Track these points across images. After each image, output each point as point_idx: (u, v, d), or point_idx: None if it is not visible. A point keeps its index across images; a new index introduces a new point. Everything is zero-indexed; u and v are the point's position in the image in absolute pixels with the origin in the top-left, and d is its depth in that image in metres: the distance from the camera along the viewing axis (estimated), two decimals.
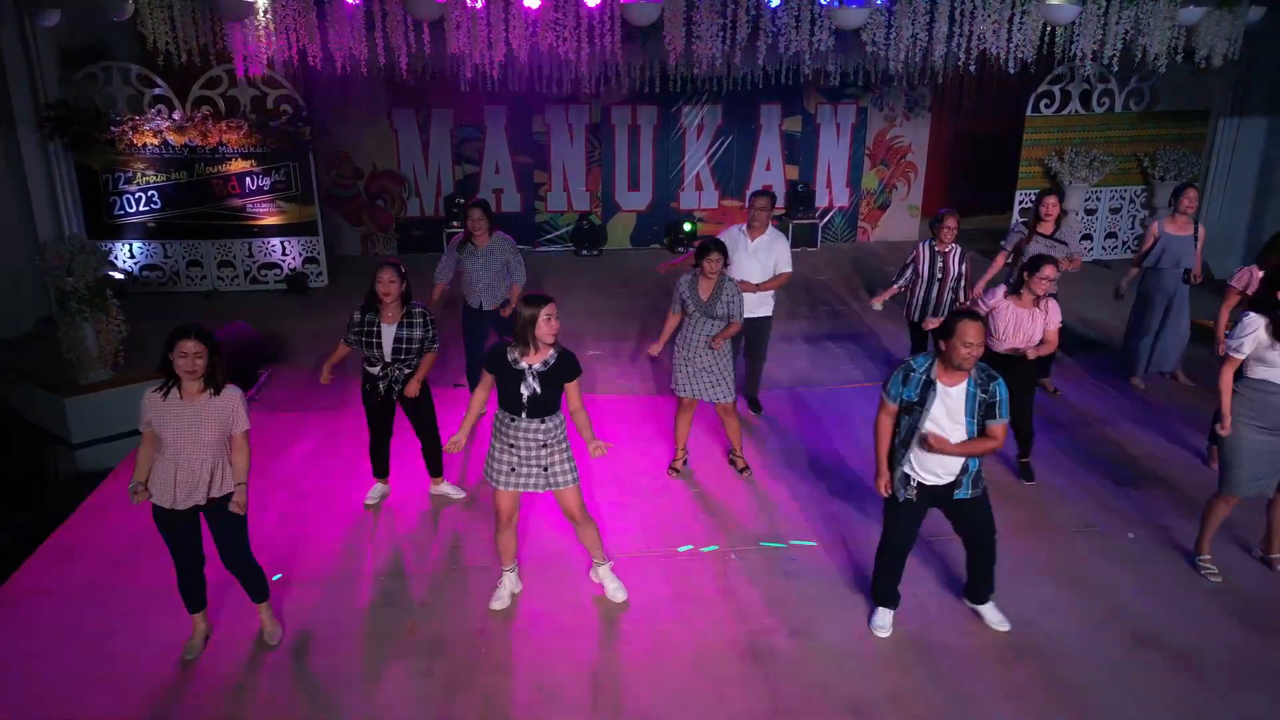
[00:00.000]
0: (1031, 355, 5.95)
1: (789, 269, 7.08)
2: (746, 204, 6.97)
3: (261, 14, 7.45)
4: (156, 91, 10.36)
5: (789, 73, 10.27)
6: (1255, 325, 4.85)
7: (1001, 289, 5.97)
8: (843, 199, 13.94)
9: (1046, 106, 11.95)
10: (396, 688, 4.35)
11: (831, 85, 12.56)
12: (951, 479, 4.48)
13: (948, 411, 4.35)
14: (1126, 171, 12.28)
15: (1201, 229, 7.82)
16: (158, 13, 7.70)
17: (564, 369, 4.64)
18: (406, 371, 5.70)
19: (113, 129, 10.25)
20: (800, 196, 13.52)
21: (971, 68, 7.87)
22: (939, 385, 4.33)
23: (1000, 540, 5.30)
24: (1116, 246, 12.64)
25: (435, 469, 6.16)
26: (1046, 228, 7.62)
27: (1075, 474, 6.49)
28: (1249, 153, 11.88)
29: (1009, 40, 7.63)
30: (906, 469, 4.48)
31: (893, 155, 13.87)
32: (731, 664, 4.52)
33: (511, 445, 4.65)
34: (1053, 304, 6.00)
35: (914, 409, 4.36)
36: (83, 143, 10.24)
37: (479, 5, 7.04)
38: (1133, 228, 12.53)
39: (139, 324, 8.32)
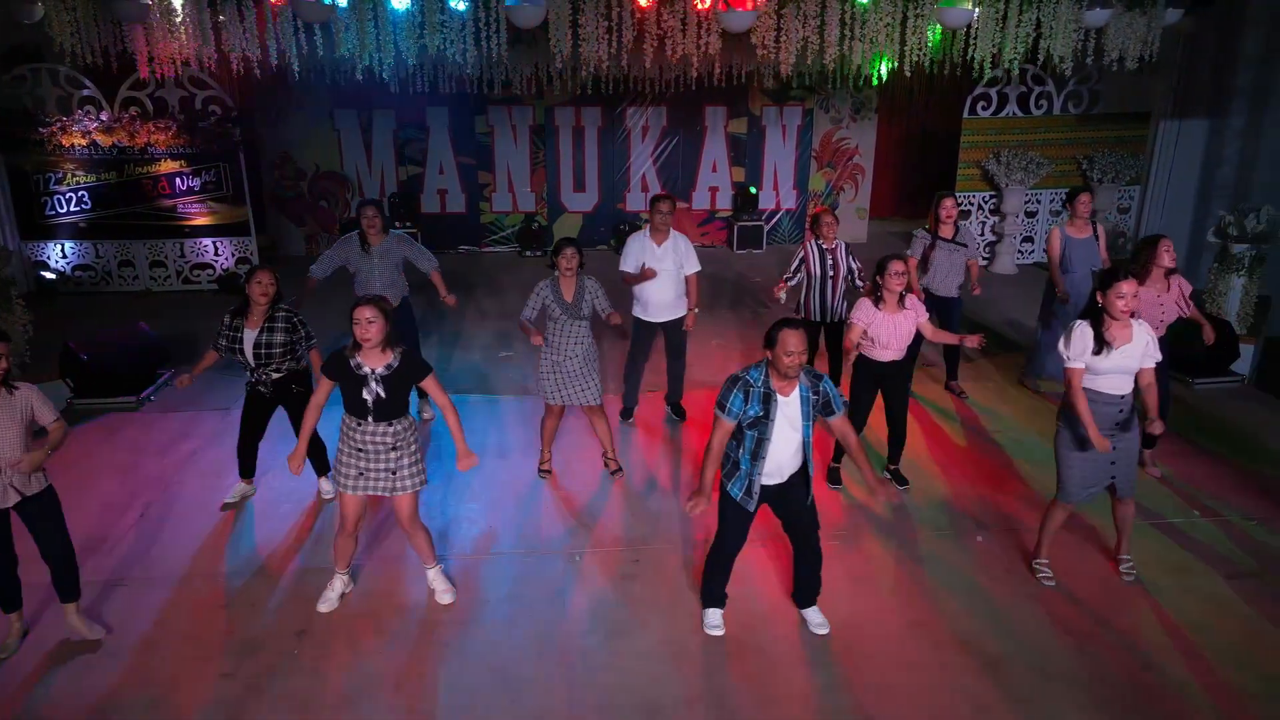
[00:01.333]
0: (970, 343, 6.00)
1: (698, 267, 7.12)
2: (647, 208, 6.98)
3: (160, 15, 7.50)
4: (85, 92, 10.44)
5: (731, 74, 10.28)
6: (1086, 335, 4.80)
7: (866, 302, 5.95)
8: (790, 201, 13.93)
9: (983, 109, 11.91)
10: (196, 688, 4.37)
11: (767, 86, 12.61)
12: (784, 479, 4.49)
13: (788, 419, 4.36)
14: (1066, 174, 12.23)
15: (1101, 229, 7.81)
16: (62, 15, 7.77)
17: (409, 371, 4.67)
18: (276, 376, 5.73)
19: (41, 130, 10.33)
20: (748, 198, 13.52)
21: (864, 70, 7.85)
22: (777, 396, 4.33)
23: (847, 544, 5.32)
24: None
25: (322, 467, 6.20)
26: (946, 230, 7.61)
27: (948, 476, 6.47)
28: (1190, 154, 11.83)
29: (903, 44, 7.61)
30: (756, 477, 4.45)
31: (840, 157, 13.85)
32: (540, 665, 4.53)
33: (360, 449, 4.67)
34: (914, 300, 5.99)
35: (760, 422, 4.34)
36: (12, 144, 10.34)
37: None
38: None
39: (70, 323, 8.40)
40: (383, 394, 4.57)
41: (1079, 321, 4.83)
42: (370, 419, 4.60)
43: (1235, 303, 9.53)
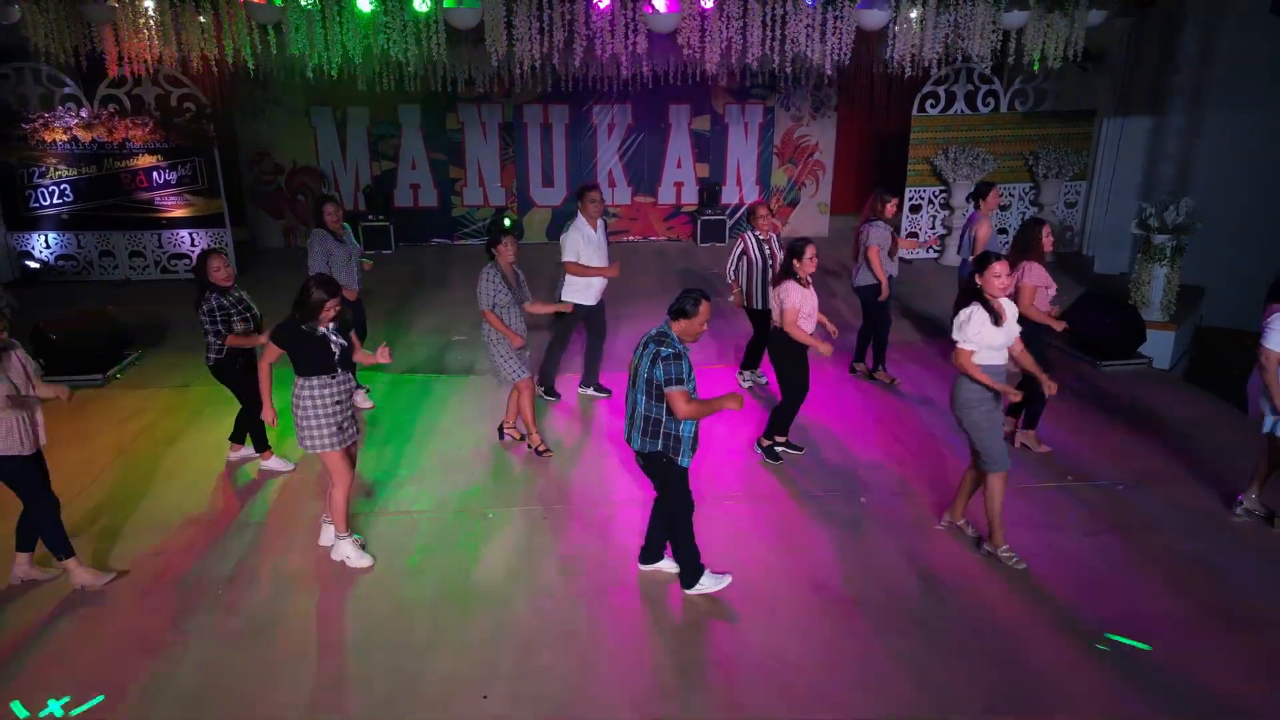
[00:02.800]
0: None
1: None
2: (578, 197, 7.42)
3: (126, 18, 8.01)
4: (66, 90, 10.96)
5: (694, 73, 10.70)
6: (980, 316, 5.15)
7: (794, 283, 6.40)
8: (753, 196, 14.36)
9: (932, 106, 12.35)
10: (130, 618, 4.90)
11: (736, 85, 13.12)
12: None
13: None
14: (1014, 170, 12.66)
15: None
16: (37, 16, 8.29)
17: (344, 320, 5.25)
18: None
19: (25, 126, 10.86)
20: (710, 193, 14.00)
21: (788, 69, 8.31)
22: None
23: (738, 503, 5.95)
24: (1006, 242, 12.99)
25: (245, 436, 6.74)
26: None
27: (852, 445, 6.95)
28: (1133, 151, 12.26)
29: (823, 43, 8.06)
30: (694, 439, 4.88)
31: (800, 154, 14.30)
32: (436, 603, 5.04)
33: (339, 402, 5.16)
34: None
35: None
36: None
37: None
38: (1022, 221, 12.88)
39: (50, 309, 8.99)
40: (344, 342, 5.16)
41: (970, 307, 5.17)
42: (340, 370, 5.14)
43: (1159, 292, 9.96)
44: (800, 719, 4.20)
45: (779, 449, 6.77)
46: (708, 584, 5.10)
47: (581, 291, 7.52)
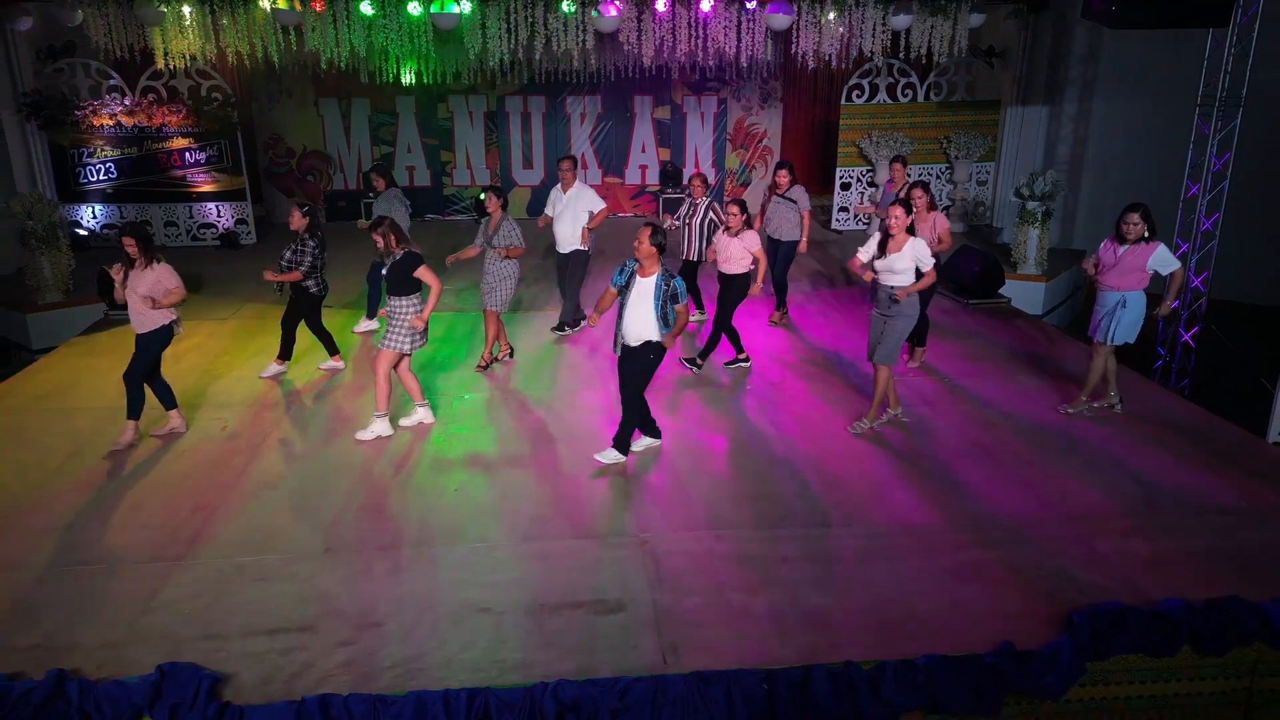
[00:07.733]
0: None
1: (601, 204, 9.35)
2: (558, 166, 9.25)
3: (172, 20, 9.91)
4: (111, 82, 12.86)
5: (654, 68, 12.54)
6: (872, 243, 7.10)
7: (753, 231, 8.33)
8: (709, 178, 16.23)
9: (858, 96, 14.25)
10: (204, 436, 6.87)
11: (692, 79, 15.05)
12: (637, 344, 6.58)
13: (639, 295, 6.53)
14: (931, 152, 14.55)
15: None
16: (97, 19, 10.20)
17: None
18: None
19: (76, 112, 12.75)
20: (669, 174, 15.90)
21: (712, 63, 10.22)
22: (637, 277, 6.55)
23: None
24: None
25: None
26: (780, 190, 9.93)
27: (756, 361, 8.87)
28: (1033, 135, 14.19)
29: (739, 42, 9.96)
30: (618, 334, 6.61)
31: (750, 140, 16.20)
32: (464, 468, 6.79)
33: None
34: (751, 233, 8.30)
35: (624, 291, 6.55)
36: (53, 124, 12.72)
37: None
38: (939, 199, 14.78)
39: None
40: None
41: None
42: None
43: (1033, 250, 11.88)
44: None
45: (699, 361, 8.66)
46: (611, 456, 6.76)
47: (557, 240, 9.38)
